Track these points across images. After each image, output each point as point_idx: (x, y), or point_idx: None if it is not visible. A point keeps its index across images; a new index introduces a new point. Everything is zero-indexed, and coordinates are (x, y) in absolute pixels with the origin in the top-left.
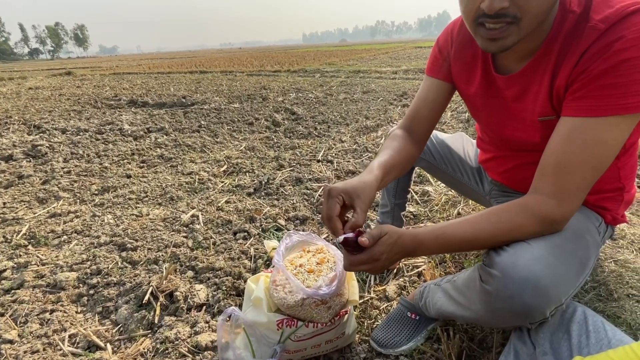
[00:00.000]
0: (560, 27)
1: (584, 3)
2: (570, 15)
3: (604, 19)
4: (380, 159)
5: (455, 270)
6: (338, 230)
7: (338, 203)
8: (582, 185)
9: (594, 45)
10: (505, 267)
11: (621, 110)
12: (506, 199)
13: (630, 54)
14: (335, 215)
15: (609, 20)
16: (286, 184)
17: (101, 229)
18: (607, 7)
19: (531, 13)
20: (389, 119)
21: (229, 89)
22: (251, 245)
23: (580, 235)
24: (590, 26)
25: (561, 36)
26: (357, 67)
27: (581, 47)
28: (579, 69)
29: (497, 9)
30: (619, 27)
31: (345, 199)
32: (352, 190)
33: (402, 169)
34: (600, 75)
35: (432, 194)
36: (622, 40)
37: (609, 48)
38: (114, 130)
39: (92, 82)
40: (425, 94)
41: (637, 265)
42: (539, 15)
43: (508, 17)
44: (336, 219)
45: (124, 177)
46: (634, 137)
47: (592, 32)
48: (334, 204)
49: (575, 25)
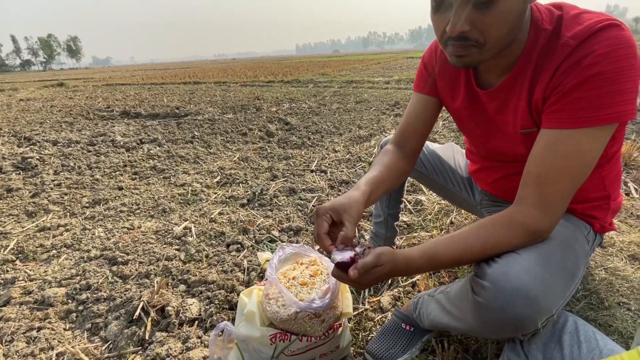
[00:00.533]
0: (534, 43)
1: (555, 21)
2: (543, 33)
3: (574, 35)
4: (368, 176)
5: (449, 280)
6: (327, 246)
7: (326, 221)
8: (563, 195)
9: (566, 61)
10: (496, 279)
11: (595, 122)
12: (496, 209)
13: (599, 69)
14: (324, 232)
15: (579, 36)
16: (280, 195)
17: (91, 243)
18: (576, 24)
19: (493, 37)
20: (382, 129)
21: (223, 100)
22: (244, 257)
23: (569, 245)
24: (562, 43)
25: (535, 52)
26: (350, 77)
27: (554, 62)
28: (554, 84)
29: (459, 32)
30: (589, 43)
31: (334, 216)
32: (339, 206)
33: (392, 184)
34: (573, 89)
35: (425, 203)
36: (592, 56)
37: (580, 63)
38: (106, 141)
39: (84, 93)
40: (414, 109)
41: (626, 272)
42: (501, 39)
43: (471, 40)
44: (325, 237)
45: (115, 189)
46: (616, 146)
47: (564, 49)
48: (321, 222)
49: (548, 42)
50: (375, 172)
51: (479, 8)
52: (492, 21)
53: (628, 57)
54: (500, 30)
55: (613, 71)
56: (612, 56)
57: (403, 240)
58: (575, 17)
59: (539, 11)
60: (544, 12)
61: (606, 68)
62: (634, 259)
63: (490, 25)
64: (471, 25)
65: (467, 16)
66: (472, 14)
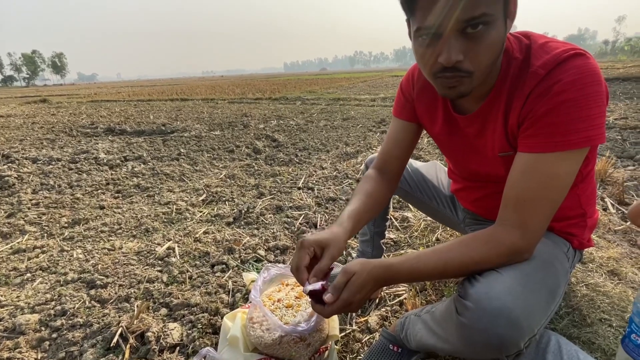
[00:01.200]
0: (507, 71)
1: (524, 50)
2: (514, 62)
3: (543, 64)
4: (350, 208)
5: (436, 299)
6: (303, 279)
7: (309, 254)
8: (542, 217)
9: (537, 88)
10: (478, 299)
11: (566, 146)
12: (479, 227)
13: (567, 96)
14: (304, 265)
15: (547, 65)
16: (266, 213)
17: (69, 265)
18: (544, 54)
19: (482, 66)
20: (368, 145)
21: (210, 117)
22: (229, 278)
23: (550, 264)
24: (532, 71)
25: (508, 80)
26: (337, 94)
27: (526, 90)
28: (526, 110)
29: (454, 62)
30: (557, 72)
31: (317, 250)
32: (324, 242)
33: (375, 212)
34: (544, 115)
35: (411, 220)
36: (560, 84)
37: (549, 91)
38: (89, 159)
39: (68, 110)
40: (394, 135)
41: (606, 288)
42: (488, 68)
43: (462, 70)
44: (303, 270)
45: (96, 209)
46: (589, 166)
47: (534, 77)
48: (304, 255)
49: (520, 70)
50: (358, 204)
51: (471, 38)
52: (483, 50)
53: (593, 84)
54: (489, 58)
55: (580, 98)
56: (578, 84)
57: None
58: (543, 46)
59: (509, 40)
60: (514, 42)
61: (574, 95)
62: (613, 274)
63: (480, 54)
64: (464, 54)
65: (460, 46)
66: (464, 44)
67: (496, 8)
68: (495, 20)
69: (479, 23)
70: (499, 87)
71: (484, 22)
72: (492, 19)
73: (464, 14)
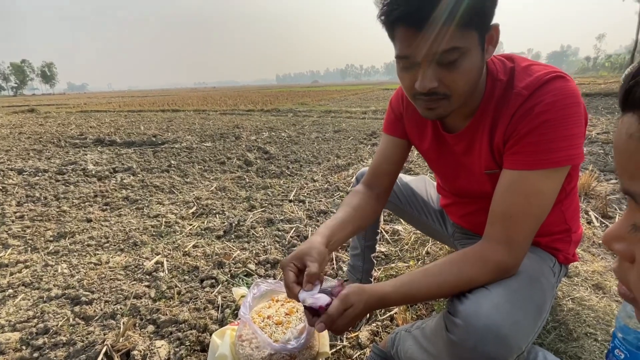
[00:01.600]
0: (492, 92)
1: (508, 72)
2: (499, 83)
3: (526, 86)
4: (331, 219)
5: (426, 313)
6: (296, 295)
7: (291, 271)
8: (527, 232)
9: (521, 109)
10: (467, 316)
11: (549, 164)
12: (468, 241)
13: (548, 116)
14: (291, 282)
15: (530, 87)
16: (257, 226)
17: (53, 281)
18: (527, 76)
19: (458, 91)
20: (360, 158)
21: (202, 128)
22: (219, 293)
23: (536, 280)
24: (515, 92)
25: (493, 100)
26: (329, 107)
27: (510, 110)
28: (511, 129)
29: (428, 89)
30: (538, 93)
31: (297, 264)
32: (301, 253)
33: (360, 224)
34: (527, 134)
35: (402, 233)
36: (542, 104)
37: (532, 111)
38: (77, 170)
39: (56, 120)
40: (384, 150)
41: (592, 302)
42: (465, 92)
43: (438, 95)
44: (293, 286)
45: (83, 222)
46: (572, 183)
47: (518, 98)
48: (287, 273)
49: (504, 91)
50: (340, 214)
51: (445, 67)
52: (457, 77)
53: (573, 106)
54: (464, 84)
55: (560, 118)
56: (559, 104)
57: (380, 272)
58: (526, 69)
59: (494, 63)
60: (498, 64)
61: (554, 116)
62: (598, 288)
63: (455, 81)
64: (438, 81)
65: (434, 74)
66: (438, 72)
67: (468, 41)
68: (467, 51)
69: (451, 54)
70: (484, 107)
71: (456, 53)
72: (464, 51)
73: (434, 48)
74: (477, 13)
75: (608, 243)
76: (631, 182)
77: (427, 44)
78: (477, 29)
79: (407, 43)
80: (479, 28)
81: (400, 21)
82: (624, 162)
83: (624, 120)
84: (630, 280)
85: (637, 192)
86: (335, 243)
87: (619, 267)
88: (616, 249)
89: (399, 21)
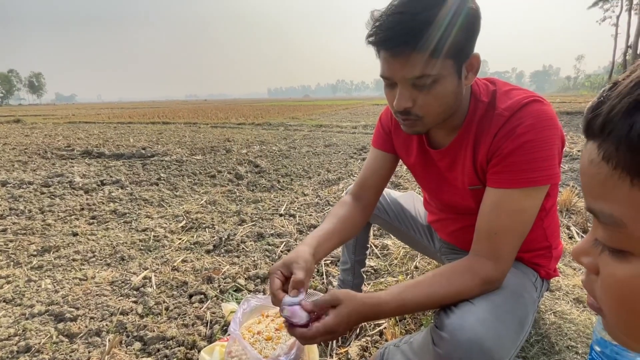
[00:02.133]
0: (475, 112)
1: (490, 94)
2: (481, 104)
3: (507, 108)
4: (317, 229)
5: (415, 328)
6: (279, 301)
7: (278, 278)
8: (511, 248)
9: (502, 129)
10: (453, 330)
11: (531, 182)
12: (455, 256)
13: (529, 137)
14: (276, 289)
15: (510, 109)
16: (247, 240)
17: (36, 297)
18: (508, 99)
19: (431, 113)
20: (350, 172)
21: (192, 141)
22: (207, 309)
23: (519, 294)
24: (497, 113)
25: (476, 119)
26: (320, 121)
27: (492, 129)
28: (494, 148)
29: (403, 108)
30: (519, 115)
31: (284, 272)
32: (288, 261)
33: (345, 234)
34: (509, 154)
35: (391, 248)
36: (522, 126)
37: (514, 132)
38: (63, 182)
39: (43, 131)
40: (372, 164)
41: (573, 316)
42: (439, 114)
43: (412, 115)
44: (278, 292)
45: (69, 235)
46: (551, 201)
47: (500, 118)
48: (273, 280)
49: (485, 112)
50: (326, 225)
51: (420, 90)
52: (430, 101)
53: (550, 128)
54: (437, 107)
55: (540, 140)
56: (538, 127)
57: (370, 286)
58: (507, 92)
59: (478, 85)
60: (482, 86)
61: (535, 137)
62: (579, 301)
63: (428, 104)
64: (413, 102)
65: (409, 95)
66: (414, 94)
67: (443, 69)
68: (441, 77)
69: (425, 80)
70: (467, 126)
71: (430, 79)
72: (436, 77)
73: (408, 74)
74: (453, 45)
75: (576, 257)
76: (594, 201)
77: (401, 69)
78: (453, 58)
79: (387, 66)
80: (455, 57)
81: (380, 45)
82: (587, 183)
83: (587, 147)
84: (596, 292)
85: (598, 209)
86: (321, 253)
87: (586, 279)
88: (583, 262)
89: (380, 45)
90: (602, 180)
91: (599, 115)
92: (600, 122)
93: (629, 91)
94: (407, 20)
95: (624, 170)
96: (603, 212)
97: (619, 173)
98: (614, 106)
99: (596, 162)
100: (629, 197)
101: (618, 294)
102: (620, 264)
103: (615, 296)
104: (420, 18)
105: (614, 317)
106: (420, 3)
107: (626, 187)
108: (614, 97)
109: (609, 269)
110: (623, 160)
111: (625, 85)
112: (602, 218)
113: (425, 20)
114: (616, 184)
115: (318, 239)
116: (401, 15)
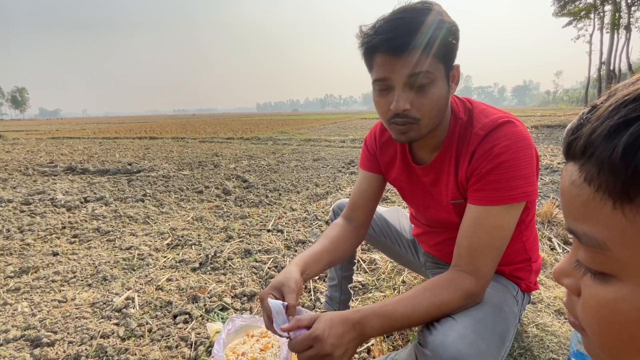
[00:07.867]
0: (454, 129)
1: (468, 112)
2: (460, 121)
3: (483, 127)
4: (306, 251)
5: (402, 344)
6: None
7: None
8: (491, 263)
9: (479, 148)
10: (435, 347)
11: (508, 200)
12: (439, 270)
13: (505, 157)
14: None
15: (486, 128)
16: (234, 257)
17: (12, 321)
18: (484, 117)
19: (427, 115)
20: (338, 187)
21: (180, 156)
22: (192, 329)
23: (500, 309)
24: (474, 132)
25: (455, 136)
26: (308, 135)
27: (470, 148)
28: (472, 167)
29: (402, 110)
30: (494, 135)
31: (276, 295)
32: (278, 284)
33: (337, 255)
34: (487, 173)
35: (379, 262)
36: (498, 147)
37: (491, 152)
38: (44, 200)
39: (25, 147)
40: (361, 185)
41: (554, 328)
42: (433, 117)
43: (410, 118)
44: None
45: (49, 255)
46: (530, 214)
47: (476, 137)
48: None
49: (464, 129)
50: (316, 246)
51: (417, 91)
52: (426, 102)
53: (526, 148)
54: (433, 109)
55: (516, 159)
56: (513, 147)
57: (358, 302)
58: (482, 111)
59: (455, 102)
60: (459, 104)
61: (511, 157)
62: (560, 313)
63: (424, 105)
64: (410, 104)
65: (407, 97)
66: (411, 95)
67: (437, 69)
68: (436, 79)
69: (422, 79)
70: (449, 142)
71: (426, 78)
72: (433, 77)
73: (409, 70)
74: (444, 48)
75: (557, 278)
76: (574, 222)
77: (402, 67)
78: (444, 63)
79: (385, 67)
80: (445, 63)
81: (380, 47)
82: (568, 205)
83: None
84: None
85: (579, 231)
86: (309, 274)
87: (568, 300)
88: (564, 283)
89: (379, 47)
90: (583, 202)
91: (580, 137)
92: (581, 144)
93: (609, 114)
94: (407, 22)
95: (605, 192)
96: (585, 234)
97: (600, 195)
98: (595, 129)
99: (577, 184)
100: (611, 219)
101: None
102: (602, 286)
103: (597, 318)
104: (418, 21)
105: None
106: (415, 12)
107: (608, 210)
108: (595, 120)
109: (591, 291)
110: (605, 183)
111: (605, 109)
112: (584, 240)
113: (423, 23)
114: (598, 206)
115: (306, 259)
116: (400, 20)
